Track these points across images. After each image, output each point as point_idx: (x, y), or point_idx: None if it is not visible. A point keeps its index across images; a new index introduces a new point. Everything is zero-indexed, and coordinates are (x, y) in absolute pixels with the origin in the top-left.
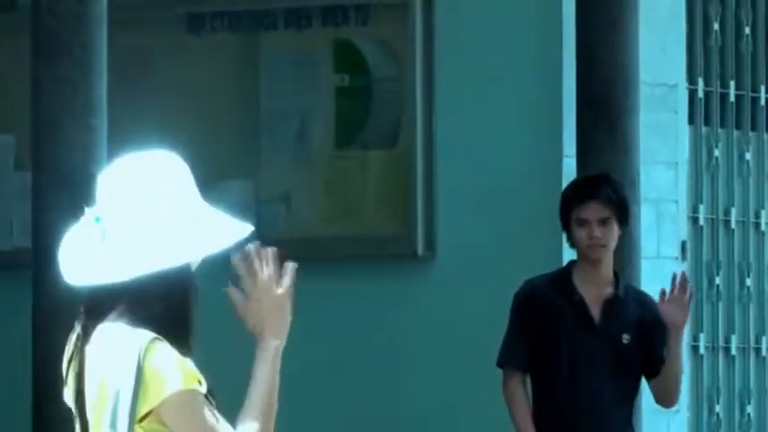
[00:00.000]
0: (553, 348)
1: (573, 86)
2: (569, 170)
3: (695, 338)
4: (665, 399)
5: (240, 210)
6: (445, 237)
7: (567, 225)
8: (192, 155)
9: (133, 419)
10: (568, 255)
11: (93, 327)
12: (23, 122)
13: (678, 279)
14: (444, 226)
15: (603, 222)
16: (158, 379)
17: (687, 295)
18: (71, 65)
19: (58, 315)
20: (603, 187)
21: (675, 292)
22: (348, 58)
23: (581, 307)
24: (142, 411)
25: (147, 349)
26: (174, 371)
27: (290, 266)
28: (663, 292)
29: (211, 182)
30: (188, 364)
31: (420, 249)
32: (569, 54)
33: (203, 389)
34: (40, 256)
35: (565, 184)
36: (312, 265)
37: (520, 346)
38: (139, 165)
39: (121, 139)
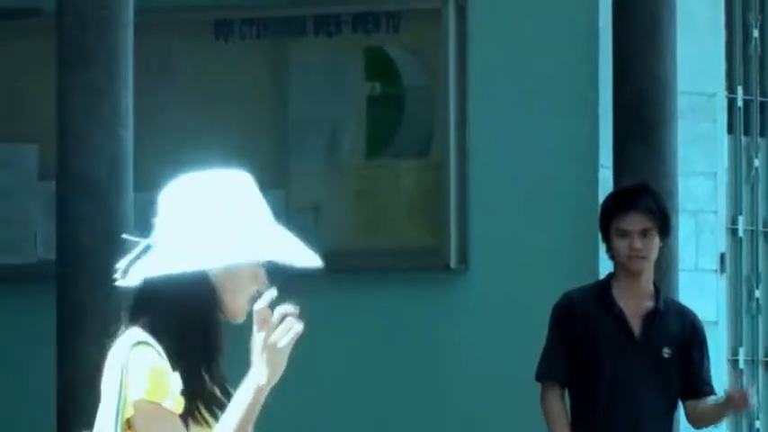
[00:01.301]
0: (592, 362)
1: (609, 95)
2: (606, 181)
3: (734, 352)
4: (696, 423)
5: None
6: (478, 249)
7: (606, 236)
8: (220, 164)
9: (119, 423)
10: (605, 266)
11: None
12: (48, 131)
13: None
14: (477, 238)
15: (645, 233)
16: (128, 384)
17: (750, 400)
18: (97, 72)
19: (81, 328)
20: (644, 197)
21: (737, 399)
22: (379, 66)
23: (621, 320)
24: (127, 414)
25: (130, 353)
26: (141, 378)
27: (295, 326)
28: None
29: None
30: (165, 376)
31: (453, 262)
32: (606, 62)
33: (171, 405)
34: (65, 268)
35: (601, 195)
36: (342, 278)
37: (559, 359)
38: (199, 179)
39: (147, 149)
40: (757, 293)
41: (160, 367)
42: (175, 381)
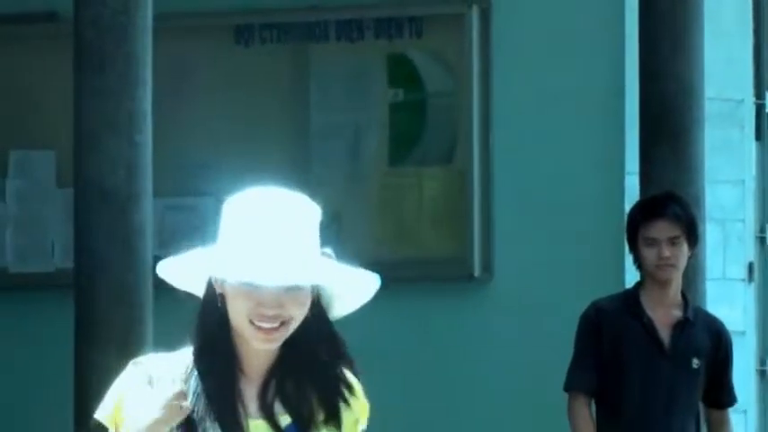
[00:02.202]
0: (621, 371)
1: (636, 101)
2: (632, 188)
3: (762, 362)
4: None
5: None
6: (503, 258)
7: (633, 245)
8: (239, 171)
9: None
10: (631, 275)
11: None
12: (65, 137)
13: None
14: (502, 246)
15: (673, 242)
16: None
17: None
18: (114, 77)
19: (99, 338)
20: (671, 205)
21: None
22: (402, 72)
23: (650, 329)
24: None
25: None
26: (107, 397)
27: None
28: None
29: None
30: (122, 398)
31: (477, 271)
32: (632, 67)
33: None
34: (83, 278)
35: (627, 202)
36: None
37: (587, 369)
38: (252, 195)
39: (166, 155)
40: None
41: (125, 387)
42: (130, 404)
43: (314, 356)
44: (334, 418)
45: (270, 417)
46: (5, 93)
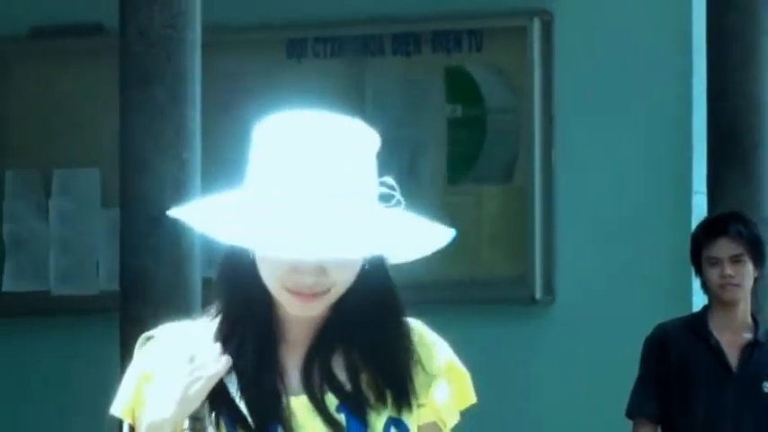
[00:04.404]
0: (687, 396)
1: (704, 118)
2: (700, 207)
3: None
4: None
5: None
6: (565, 279)
7: (698, 267)
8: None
9: None
10: (699, 298)
11: None
12: (111, 155)
13: None
14: (564, 268)
15: (736, 260)
16: None
17: None
18: (162, 93)
19: None
20: (734, 223)
21: None
22: (460, 87)
23: (718, 352)
24: None
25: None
26: (122, 386)
27: None
28: None
29: None
30: (145, 378)
31: (538, 293)
32: (700, 82)
33: (115, 411)
34: (129, 301)
35: (695, 222)
36: (420, 309)
37: (651, 394)
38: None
39: (215, 173)
40: None
41: (137, 372)
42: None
43: (371, 318)
44: (398, 395)
45: (313, 395)
46: (49, 109)
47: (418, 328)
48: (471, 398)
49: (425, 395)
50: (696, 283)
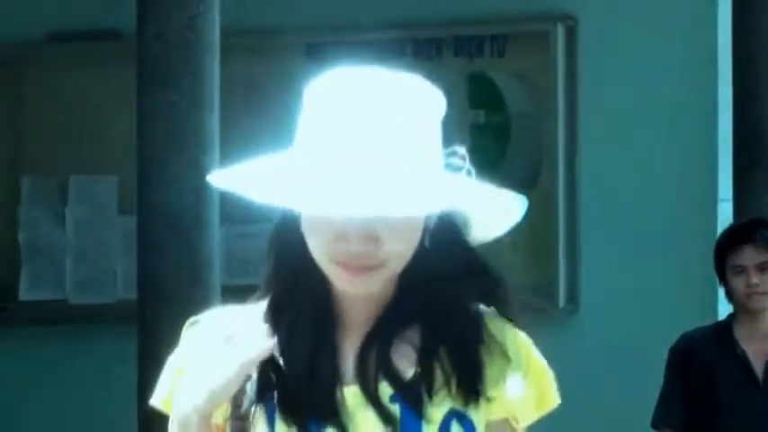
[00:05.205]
0: (712, 405)
1: (729, 124)
2: (725, 215)
3: None
4: None
5: None
6: (590, 287)
7: (722, 276)
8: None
9: None
10: (725, 307)
11: None
12: (128, 161)
13: None
14: (589, 275)
15: (762, 268)
16: None
17: None
18: (180, 96)
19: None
20: (759, 230)
21: None
22: (483, 93)
23: (743, 362)
24: None
25: None
26: (163, 375)
27: None
28: None
29: None
30: (185, 366)
31: (562, 301)
32: (725, 89)
33: (157, 404)
34: (147, 309)
35: (720, 230)
36: None
37: (676, 405)
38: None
39: None
40: None
41: (178, 359)
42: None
43: (444, 300)
44: (466, 382)
45: (366, 384)
46: (65, 115)
47: (494, 314)
48: (554, 399)
49: (496, 387)
50: (722, 292)
